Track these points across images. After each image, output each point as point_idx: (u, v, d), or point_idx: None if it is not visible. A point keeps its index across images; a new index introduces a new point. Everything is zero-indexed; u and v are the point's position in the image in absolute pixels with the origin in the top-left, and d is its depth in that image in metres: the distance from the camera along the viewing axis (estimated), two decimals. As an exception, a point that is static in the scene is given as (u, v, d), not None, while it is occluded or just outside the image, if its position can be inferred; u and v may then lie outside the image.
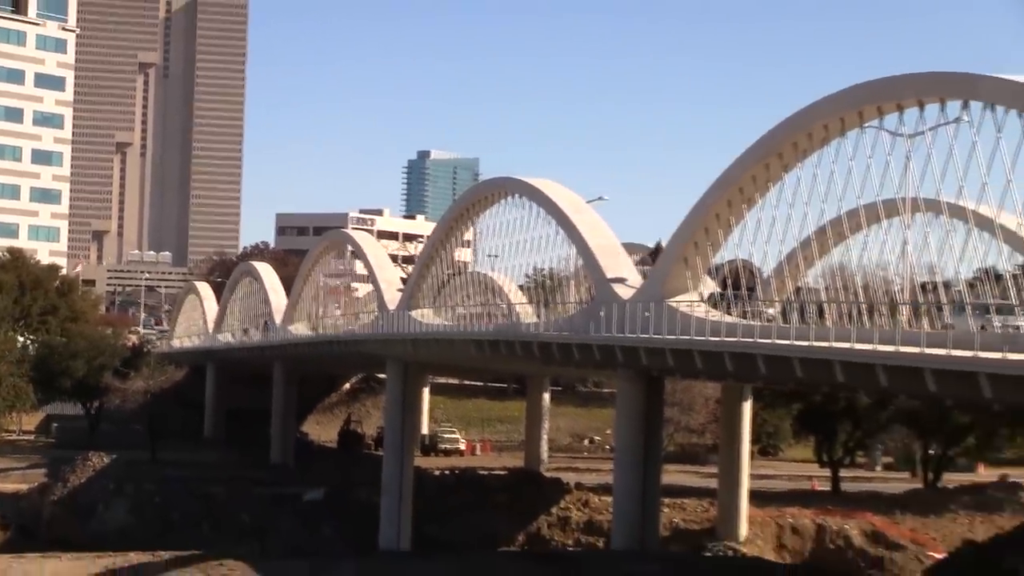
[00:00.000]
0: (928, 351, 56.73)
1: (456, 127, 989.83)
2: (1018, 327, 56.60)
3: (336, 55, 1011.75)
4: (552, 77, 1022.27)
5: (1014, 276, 70.61)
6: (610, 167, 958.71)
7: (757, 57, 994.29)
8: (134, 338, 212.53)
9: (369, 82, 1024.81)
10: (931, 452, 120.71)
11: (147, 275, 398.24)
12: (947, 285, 66.41)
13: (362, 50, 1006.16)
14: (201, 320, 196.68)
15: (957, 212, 66.87)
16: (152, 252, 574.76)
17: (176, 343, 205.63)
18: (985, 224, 67.62)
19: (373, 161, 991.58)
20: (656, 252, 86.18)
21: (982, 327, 53.31)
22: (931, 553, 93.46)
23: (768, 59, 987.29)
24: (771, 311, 68.78)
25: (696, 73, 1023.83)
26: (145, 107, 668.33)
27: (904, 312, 66.62)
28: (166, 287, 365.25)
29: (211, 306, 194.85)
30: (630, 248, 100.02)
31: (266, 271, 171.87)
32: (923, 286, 69.65)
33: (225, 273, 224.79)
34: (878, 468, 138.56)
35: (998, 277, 70.01)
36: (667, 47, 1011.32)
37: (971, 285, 67.96)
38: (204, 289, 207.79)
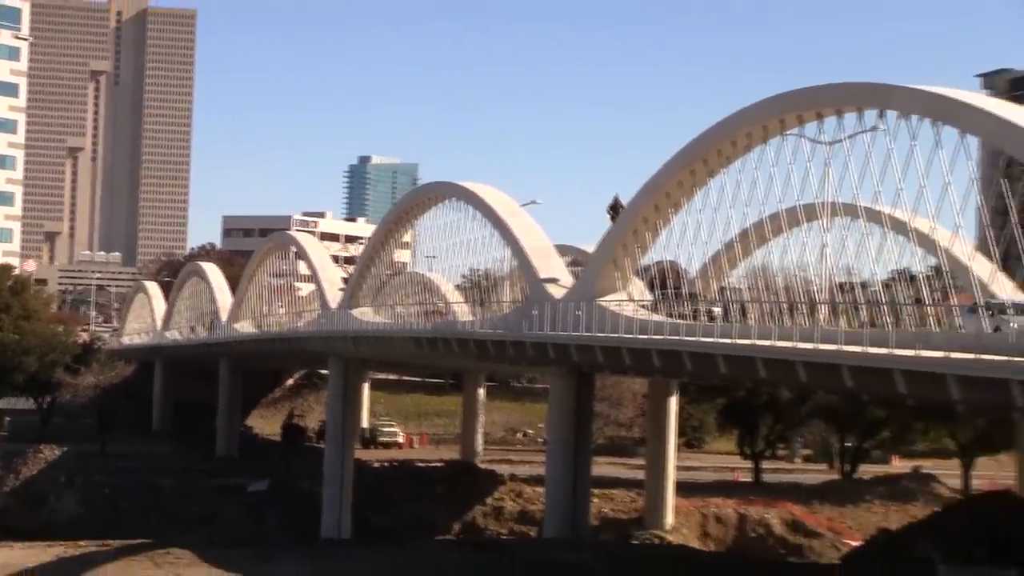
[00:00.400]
0: (845, 348, 57.07)
1: (396, 133, 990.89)
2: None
3: (281, 64, 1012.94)
4: (489, 84, 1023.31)
5: (927, 277, 71.14)
6: (544, 172, 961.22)
7: (688, 64, 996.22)
8: (85, 335, 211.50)
9: (312, 90, 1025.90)
10: (848, 445, 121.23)
11: (98, 275, 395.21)
12: (863, 286, 66.76)
13: (306, 59, 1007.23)
14: (150, 318, 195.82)
15: (873, 216, 67.34)
16: (102, 252, 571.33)
17: (126, 340, 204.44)
18: (900, 227, 68.05)
19: (316, 166, 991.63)
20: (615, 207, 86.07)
21: (996, 328, 53.41)
22: (847, 541, 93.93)
23: (699, 65, 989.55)
24: (716, 309, 68.77)
25: (626, 79, 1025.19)
26: (96, 113, 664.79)
27: (823, 311, 66.93)
28: (116, 286, 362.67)
29: (159, 305, 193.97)
30: (562, 250, 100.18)
31: (213, 271, 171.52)
32: (841, 286, 70.01)
33: (173, 273, 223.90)
34: (797, 460, 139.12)
35: (912, 278, 70.47)
36: (599, 54, 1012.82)
37: (886, 286, 68.33)
38: (153, 288, 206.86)
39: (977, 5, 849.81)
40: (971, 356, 50.42)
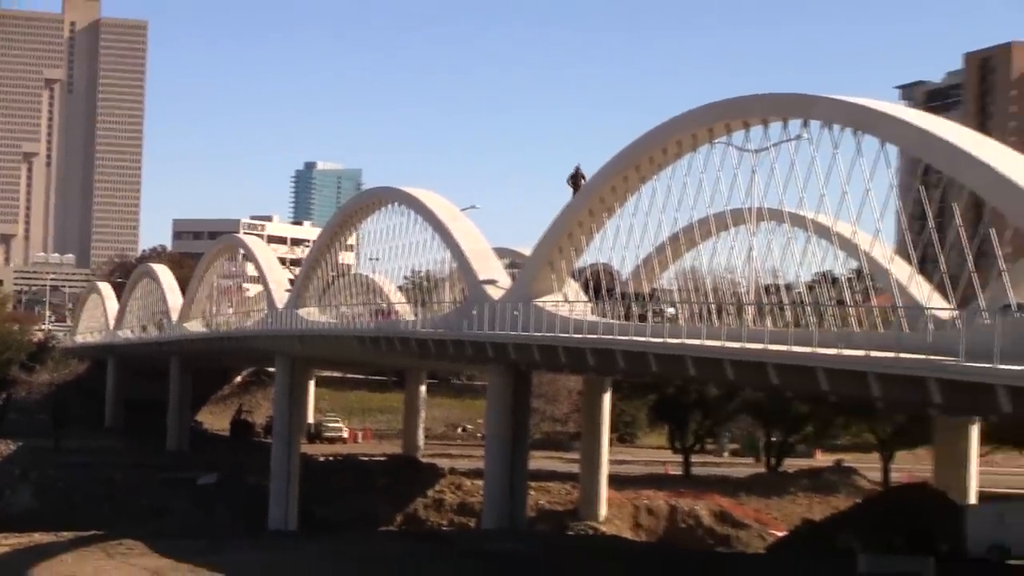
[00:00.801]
0: (771, 347, 57.25)
1: (340, 140, 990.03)
2: None
3: (230, 72, 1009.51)
4: (430, 92, 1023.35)
5: (848, 279, 71.48)
6: (484, 177, 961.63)
7: (625, 69, 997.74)
8: (40, 334, 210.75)
9: (260, 97, 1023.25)
10: (773, 439, 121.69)
11: (52, 276, 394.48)
12: (788, 287, 67.02)
13: (254, 68, 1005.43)
14: (103, 317, 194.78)
15: (797, 221, 67.56)
16: (57, 254, 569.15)
17: (79, 339, 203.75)
18: (823, 232, 68.33)
19: (263, 171, 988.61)
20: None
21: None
22: (772, 531, 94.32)
23: (634, 71, 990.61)
24: (671, 310, 68.55)
25: (564, 83, 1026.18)
26: (50, 120, 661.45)
27: (749, 312, 67.15)
28: (70, 287, 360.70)
29: (112, 305, 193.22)
30: (501, 252, 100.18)
31: (163, 272, 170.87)
32: (767, 288, 70.27)
33: (125, 274, 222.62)
34: (725, 454, 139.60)
35: (834, 280, 70.82)
36: (537, 59, 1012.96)
37: (810, 287, 68.64)
38: (105, 289, 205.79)
39: (896, 19, 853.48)
40: (891, 355, 50.69)
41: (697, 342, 62.89)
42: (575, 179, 63.43)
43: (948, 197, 59.47)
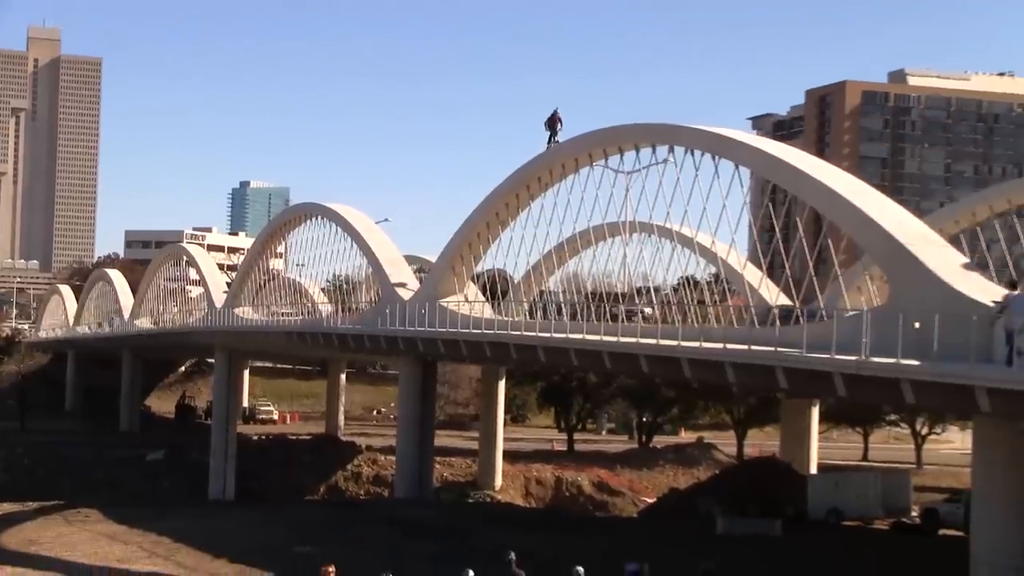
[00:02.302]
0: (642, 341, 57.44)
1: (271, 161, 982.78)
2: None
3: (174, 101, 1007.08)
4: (351, 118, 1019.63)
5: (708, 283, 71.90)
6: (396, 191, 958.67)
7: (530, 78, 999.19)
8: (7, 330, 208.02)
9: (200, 124, 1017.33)
10: (644, 419, 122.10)
11: (18, 279, 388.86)
12: (656, 289, 67.25)
13: (194, 98, 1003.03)
14: (63, 316, 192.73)
15: (665, 233, 67.94)
16: (23, 260, 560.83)
17: (42, 334, 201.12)
18: (686, 242, 68.74)
19: (204, 188, 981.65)
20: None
21: None
22: (644, 498, 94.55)
23: (534, 78, 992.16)
24: (648, 310, 67.93)
25: (473, 103, 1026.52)
26: (17, 144, 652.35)
27: (623, 311, 67.36)
28: (34, 289, 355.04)
29: (71, 304, 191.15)
30: (410, 259, 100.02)
31: (117, 276, 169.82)
32: (638, 290, 70.50)
33: (83, 278, 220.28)
34: (603, 432, 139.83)
35: (695, 283, 71.20)
36: (444, 83, 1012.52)
37: (675, 289, 68.94)
38: (66, 290, 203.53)
39: (748, 59, 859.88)
40: (744, 347, 51.00)
41: (579, 336, 62.98)
42: (552, 123, 61.44)
43: (792, 212, 60.06)
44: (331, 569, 34.39)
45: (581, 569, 34.92)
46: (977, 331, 39.72)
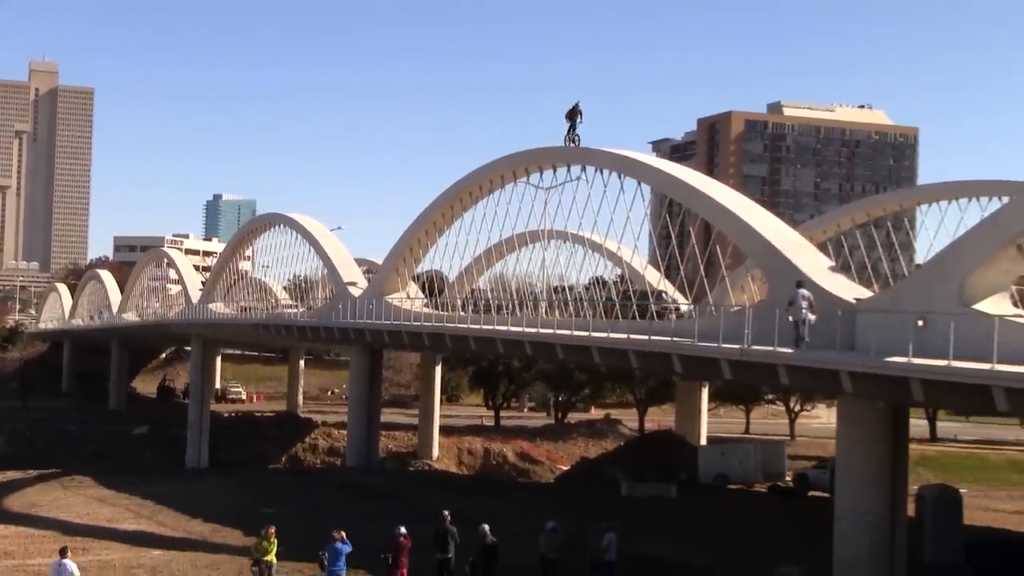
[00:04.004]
0: (558, 332, 57.54)
1: (241, 177, 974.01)
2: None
3: (156, 124, 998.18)
4: (310, 137, 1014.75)
5: (615, 282, 72.11)
6: (348, 202, 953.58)
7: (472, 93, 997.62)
8: (11, 322, 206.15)
9: (179, 145, 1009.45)
10: (560, 399, 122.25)
11: (21, 278, 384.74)
12: (571, 288, 67.37)
13: (175, 122, 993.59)
14: (60, 310, 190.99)
15: (578, 240, 68.01)
16: (25, 262, 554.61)
17: (42, 326, 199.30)
18: (596, 247, 68.93)
19: (182, 200, 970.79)
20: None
21: None
22: (559, 466, 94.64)
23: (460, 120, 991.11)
24: (683, 308, 65.82)
25: (420, 120, 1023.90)
26: (20, 161, 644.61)
27: (543, 306, 67.43)
28: (34, 287, 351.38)
29: (67, 300, 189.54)
30: (360, 261, 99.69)
31: (106, 276, 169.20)
32: (555, 289, 70.59)
33: (77, 277, 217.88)
34: (525, 410, 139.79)
35: (604, 283, 71.36)
36: (393, 102, 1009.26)
37: (587, 288, 69.00)
38: (62, 288, 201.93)
39: (649, 90, 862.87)
40: (645, 338, 51.18)
41: (505, 328, 63.03)
42: (572, 115, 59.79)
43: (686, 223, 60.36)
44: (272, 529, 34.15)
45: (486, 527, 34.84)
46: (841, 323, 40.12)
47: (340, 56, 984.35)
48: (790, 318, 40.90)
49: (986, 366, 33.21)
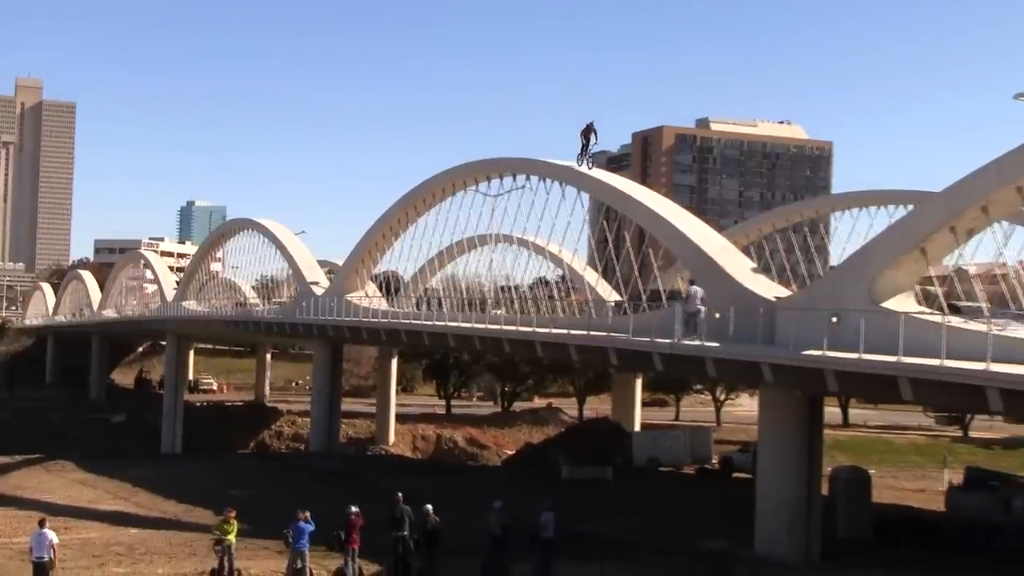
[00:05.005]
0: (505, 328, 57.58)
1: (213, 184, 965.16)
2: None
3: (133, 135, 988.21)
4: (276, 148, 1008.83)
5: (556, 282, 72.21)
6: (312, 207, 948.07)
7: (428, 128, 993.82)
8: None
9: (156, 154, 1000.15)
10: (506, 389, 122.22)
11: (7, 278, 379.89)
12: (516, 287, 67.40)
13: (150, 133, 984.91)
14: (44, 307, 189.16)
15: (523, 243, 68.11)
16: (11, 263, 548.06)
17: (28, 322, 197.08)
18: (539, 250, 69.00)
19: (158, 206, 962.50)
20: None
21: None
22: (505, 451, 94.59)
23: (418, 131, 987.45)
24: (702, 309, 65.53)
25: (378, 127, 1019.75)
26: (7, 170, 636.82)
27: (490, 304, 67.42)
28: (20, 286, 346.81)
29: (51, 298, 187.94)
30: (322, 263, 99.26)
31: (87, 276, 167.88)
32: (502, 288, 70.61)
33: (60, 277, 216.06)
34: (474, 399, 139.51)
35: (546, 283, 71.47)
36: (352, 113, 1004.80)
37: (531, 287, 69.15)
38: (46, 287, 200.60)
39: (587, 105, 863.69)
40: (584, 332, 51.33)
41: (455, 324, 62.98)
42: (586, 133, 57.41)
43: (622, 228, 60.55)
44: (232, 513, 33.94)
45: (430, 507, 34.76)
46: (762, 320, 40.41)
47: (301, 70, 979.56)
48: (686, 312, 42.67)
49: (893, 359, 33.59)
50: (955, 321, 34.81)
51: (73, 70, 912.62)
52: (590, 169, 53.96)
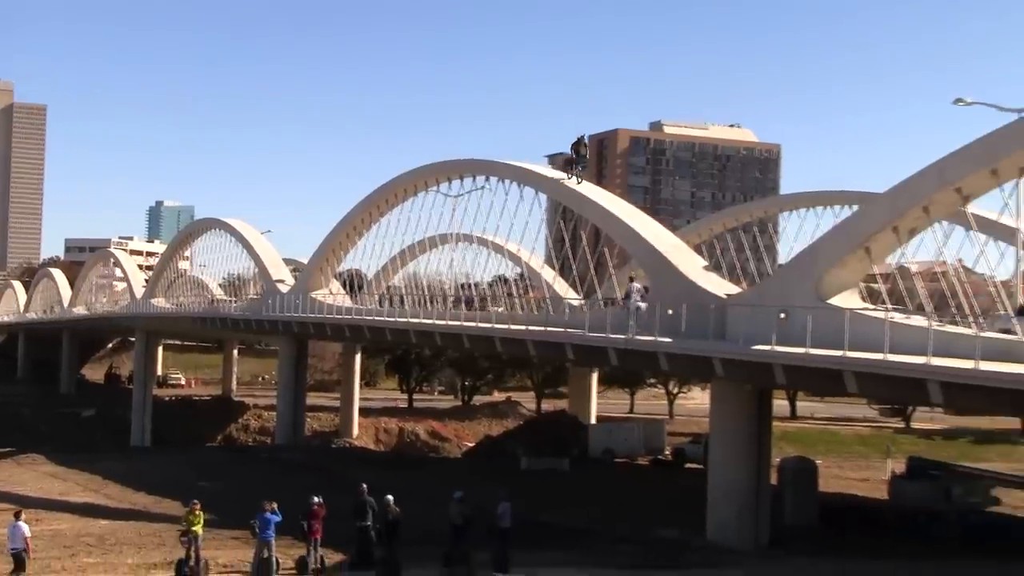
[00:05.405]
0: (465, 324, 57.52)
1: (181, 185, 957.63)
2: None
3: (104, 136, 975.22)
4: (243, 152, 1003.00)
5: (515, 280, 72.29)
6: (278, 207, 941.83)
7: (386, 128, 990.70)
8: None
9: (124, 154, 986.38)
10: (466, 383, 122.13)
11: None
12: (476, 285, 67.39)
13: (120, 134, 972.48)
14: (16, 305, 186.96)
15: (483, 242, 68.10)
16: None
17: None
18: (498, 249, 69.01)
19: (128, 206, 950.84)
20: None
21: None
22: (466, 443, 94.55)
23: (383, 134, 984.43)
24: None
25: (343, 130, 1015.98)
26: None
27: (451, 300, 67.37)
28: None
29: (22, 296, 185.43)
30: (288, 261, 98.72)
31: (58, 274, 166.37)
32: (462, 286, 70.56)
33: (31, 275, 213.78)
34: (436, 393, 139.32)
35: (505, 280, 71.52)
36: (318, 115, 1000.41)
37: (490, 285, 69.17)
38: (17, 285, 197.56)
39: (544, 109, 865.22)
40: (542, 328, 51.41)
41: (417, 320, 62.90)
42: (577, 147, 56.62)
43: (578, 227, 60.63)
44: (197, 505, 33.78)
45: (390, 497, 34.69)
46: (713, 316, 40.60)
47: (269, 72, 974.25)
48: (627, 308, 43.42)
49: (839, 353, 33.88)
50: (898, 317, 35.15)
51: (44, 73, 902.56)
52: (579, 184, 53.48)
